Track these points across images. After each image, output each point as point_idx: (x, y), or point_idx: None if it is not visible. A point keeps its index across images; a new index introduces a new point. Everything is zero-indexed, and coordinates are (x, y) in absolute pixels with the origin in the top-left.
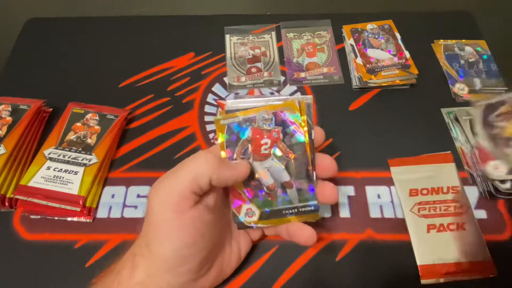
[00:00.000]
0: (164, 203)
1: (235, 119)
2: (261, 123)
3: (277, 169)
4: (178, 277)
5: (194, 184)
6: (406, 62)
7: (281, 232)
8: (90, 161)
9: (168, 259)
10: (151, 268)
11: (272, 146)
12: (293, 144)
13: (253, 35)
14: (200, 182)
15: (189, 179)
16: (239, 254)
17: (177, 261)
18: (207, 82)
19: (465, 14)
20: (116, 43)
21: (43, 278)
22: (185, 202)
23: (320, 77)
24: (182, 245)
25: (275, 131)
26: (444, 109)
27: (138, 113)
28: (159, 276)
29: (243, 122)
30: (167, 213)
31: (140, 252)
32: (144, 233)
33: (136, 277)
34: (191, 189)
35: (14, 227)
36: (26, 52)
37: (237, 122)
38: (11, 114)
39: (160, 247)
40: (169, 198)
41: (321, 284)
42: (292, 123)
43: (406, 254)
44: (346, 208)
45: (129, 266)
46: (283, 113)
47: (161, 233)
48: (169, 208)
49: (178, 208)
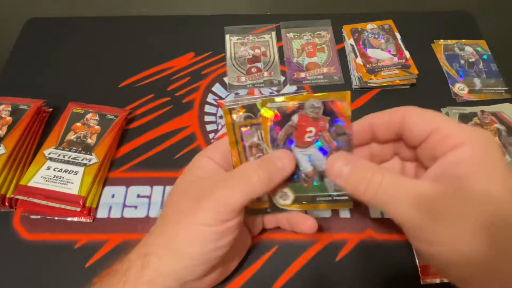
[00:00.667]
0: (214, 211)
1: (282, 104)
2: (309, 110)
3: (318, 157)
4: (191, 275)
5: (247, 201)
6: (406, 62)
7: (282, 222)
8: (90, 161)
9: (192, 257)
10: (165, 265)
11: (317, 134)
12: (338, 135)
13: (253, 35)
14: (254, 198)
15: (245, 197)
16: (241, 252)
17: (200, 260)
18: (207, 82)
19: (465, 14)
20: (116, 43)
21: (43, 278)
22: (233, 214)
23: (320, 77)
24: (213, 248)
25: (322, 120)
26: (444, 109)
27: (138, 113)
28: (170, 273)
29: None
30: (213, 220)
31: (153, 251)
32: (164, 231)
33: (145, 276)
34: (243, 204)
35: (14, 227)
36: (26, 52)
37: (285, 108)
38: (11, 114)
39: (190, 245)
40: (222, 209)
41: (321, 284)
42: (340, 115)
43: (406, 254)
44: (346, 208)
45: (139, 265)
46: (333, 103)
47: (197, 235)
48: (216, 217)
49: (224, 218)
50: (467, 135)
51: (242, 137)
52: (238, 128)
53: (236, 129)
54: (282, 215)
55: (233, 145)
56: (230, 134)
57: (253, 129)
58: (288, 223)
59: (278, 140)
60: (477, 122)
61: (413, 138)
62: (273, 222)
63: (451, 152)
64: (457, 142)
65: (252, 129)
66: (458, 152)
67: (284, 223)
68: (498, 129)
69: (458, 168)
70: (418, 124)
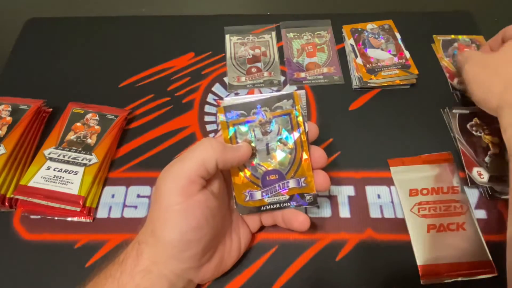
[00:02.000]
0: (172, 187)
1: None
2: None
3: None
4: (182, 263)
5: (201, 168)
6: (406, 62)
7: (277, 219)
8: (90, 161)
9: (173, 243)
10: (156, 254)
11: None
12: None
13: (253, 35)
14: (207, 166)
15: (197, 164)
16: (239, 246)
17: (182, 245)
18: (207, 82)
19: (465, 14)
20: (116, 43)
21: (43, 278)
22: (193, 186)
23: (320, 77)
24: (187, 229)
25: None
26: (444, 109)
27: (138, 113)
28: (163, 262)
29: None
30: (175, 196)
31: (144, 240)
32: (150, 220)
33: (141, 265)
34: (198, 173)
35: (14, 227)
36: (26, 52)
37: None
38: (11, 114)
39: (166, 231)
40: (177, 182)
41: (321, 284)
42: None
43: (406, 254)
44: (346, 208)
45: (134, 254)
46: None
47: (168, 217)
48: (176, 192)
49: (185, 192)
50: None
51: (236, 135)
52: (232, 126)
53: (230, 127)
54: (277, 213)
55: (227, 142)
56: (225, 131)
57: (246, 127)
58: (283, 220)
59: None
60: (477, 122)
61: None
62: (269, 219)
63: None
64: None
65: (245, 127)
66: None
67: (280, 221)
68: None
69: None
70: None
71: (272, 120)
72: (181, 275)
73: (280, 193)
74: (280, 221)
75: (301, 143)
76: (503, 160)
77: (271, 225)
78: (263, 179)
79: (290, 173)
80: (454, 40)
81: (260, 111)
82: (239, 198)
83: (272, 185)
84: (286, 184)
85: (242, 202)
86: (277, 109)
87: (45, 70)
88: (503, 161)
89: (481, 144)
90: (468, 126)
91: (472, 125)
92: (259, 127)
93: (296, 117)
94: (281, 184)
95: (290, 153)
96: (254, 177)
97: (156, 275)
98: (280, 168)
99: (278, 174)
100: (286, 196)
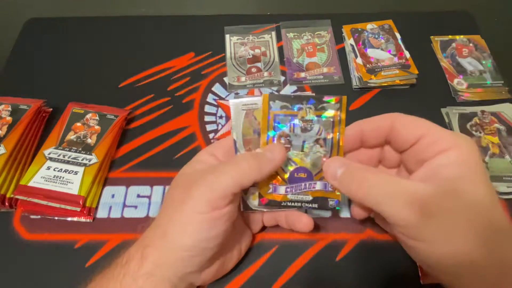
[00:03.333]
0: (201, 195)
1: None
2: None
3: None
4: (188, 267)
5: (237, 187)
6: (406, 62)
7: (280, 220)
8: (90, 161)
9: (185, 247)
10: (161, 257)
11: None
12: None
13: (253, 35)
14: (244, 185)
15: (234, 182)
16: (240, 248)
17: (195, 251)
18: (207, 82)
19: (465, 14)
20: (116, 43)
21: (43, 278)
22: (223, 201)
23: (320, 77)
24: (207, 237)
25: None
26: (444, 109)
27: (138, 113)
28: (168, 265)
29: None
30: (202, 206)
31: (151, 243)
32: (160, 222)
33: (144, 268)
34: (233, 190)
35: (14, 227)
36: (26, 52)
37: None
38: (11, 114)
39: (182, 235)
40: (208, 194)
41: (321, 284)
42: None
43: (406, 254)
44: (346, 208)
45: (138, 257)
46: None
47: (189, 223)
48: (205, 202)
49: (214, 204)
50: (454, 141)
51: (274, 126)
52: (273, 116)
53: (271, 117)
54: (280, 213)
55: (264, 131)
56: (264, 120)
57: (287, 120)
58: (286, 221)
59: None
60: (477, 122)
61: (402, 143)
62: (272, 220)
63: (439, 155)
64: (445, 146)
65: (286, 119)
66: (447, 155)
67: (282, 221)
68: (498, 129)
69: (447, 169)
70: (408, 129)
71: (315, 119)
72: (183, 278)
73: (305, 192)
74: (282, 222)
75: (338, 148)
76: (503, 160)
77: (273, 225)
78: (291, 175)
79: (319, 174)
80: (452, 40)
81: (305, 107)
82: (263, 190)
83: (298, 183)
84: (313, 185)
85: (264, 193)
86: (322, 110)
87: (45, 70)
88: (503, 161)
89: (481, 144)
90: (468, 126)
91: (472, 125)
92: (300, 123)
93: (340, 122)
94: (308, 184)
95: (324, 156)
96: (282, 170)
97: (159, 278)
98: (311, 168)
99: (307, 173)
100: (310, 196)
